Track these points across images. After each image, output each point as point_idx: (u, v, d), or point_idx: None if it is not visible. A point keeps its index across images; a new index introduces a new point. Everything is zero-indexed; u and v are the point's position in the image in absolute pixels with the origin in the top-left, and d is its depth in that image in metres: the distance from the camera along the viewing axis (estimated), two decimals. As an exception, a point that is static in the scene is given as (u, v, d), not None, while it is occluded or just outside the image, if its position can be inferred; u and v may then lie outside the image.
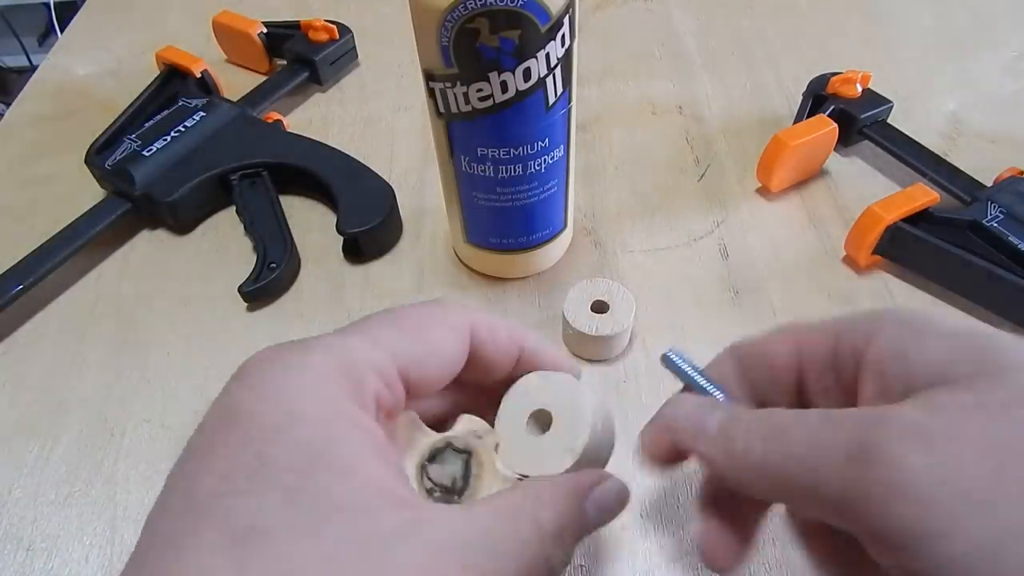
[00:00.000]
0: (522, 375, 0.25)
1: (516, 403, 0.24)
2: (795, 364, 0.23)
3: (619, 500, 0.22)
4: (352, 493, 0.17)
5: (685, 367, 0.25)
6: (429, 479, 0.23)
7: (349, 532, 0.16)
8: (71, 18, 0.69)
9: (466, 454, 0.24)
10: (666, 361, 0.25)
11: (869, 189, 0.48)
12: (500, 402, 0.25)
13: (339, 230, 0.44)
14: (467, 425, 0.25)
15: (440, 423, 0.25)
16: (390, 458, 0.19)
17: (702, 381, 0.24)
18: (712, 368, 0.25)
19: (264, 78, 0.56)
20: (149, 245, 0.48)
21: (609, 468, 0.24)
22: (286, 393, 0.18)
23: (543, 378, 0.24)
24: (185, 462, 0.18)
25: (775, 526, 0.32)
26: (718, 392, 0.24)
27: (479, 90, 0.32)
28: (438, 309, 0.23)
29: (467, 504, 0.22)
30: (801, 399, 0.24)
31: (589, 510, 0.21)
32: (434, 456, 0.24)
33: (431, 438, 0.24)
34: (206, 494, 0.17)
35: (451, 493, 0.23)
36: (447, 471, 0.23)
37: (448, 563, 0.17)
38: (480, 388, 0.25)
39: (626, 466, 0.35)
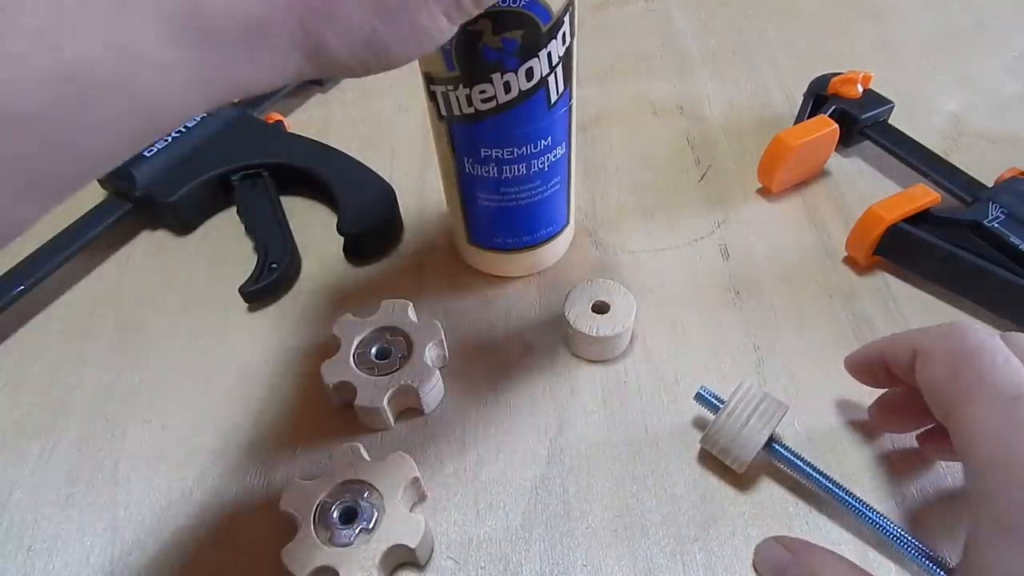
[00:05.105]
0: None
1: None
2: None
3: None
4: None
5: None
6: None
7: None
8: (71, 18, 0.69)
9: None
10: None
11: (870, 189, 0.48)
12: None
13: (340, 230, 0.44)
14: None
15: None
16: None
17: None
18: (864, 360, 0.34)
19: (265, 78, 0.56)
20: (150, 246, 0.48)
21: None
22: None
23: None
24: None
25: (777, 528, 0.32)
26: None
27: (482, 92, 0.32)
28: None
29: None
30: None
31: None
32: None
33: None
34: None
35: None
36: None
37: None
38: None
39: (623, 463, 0.35)
